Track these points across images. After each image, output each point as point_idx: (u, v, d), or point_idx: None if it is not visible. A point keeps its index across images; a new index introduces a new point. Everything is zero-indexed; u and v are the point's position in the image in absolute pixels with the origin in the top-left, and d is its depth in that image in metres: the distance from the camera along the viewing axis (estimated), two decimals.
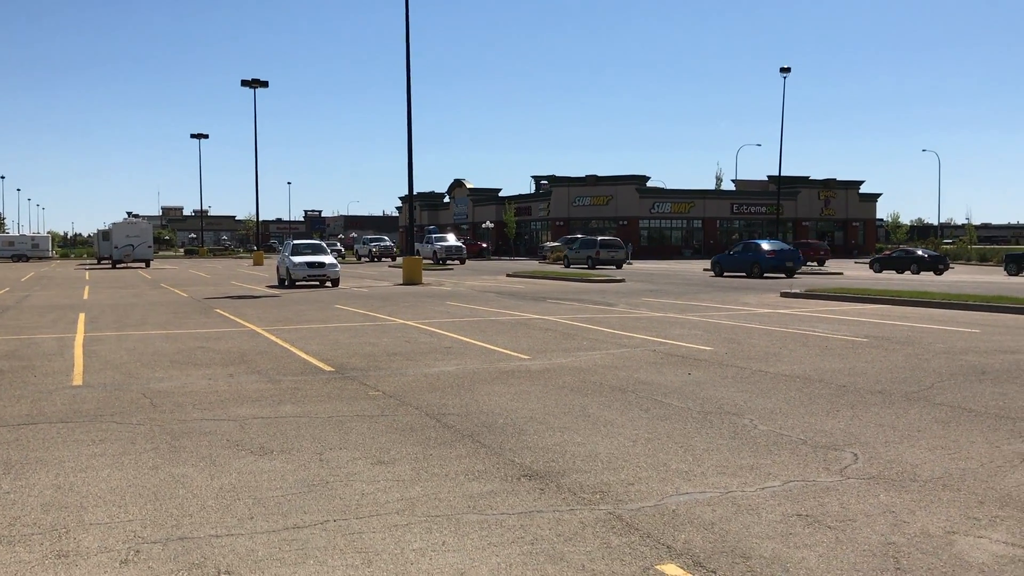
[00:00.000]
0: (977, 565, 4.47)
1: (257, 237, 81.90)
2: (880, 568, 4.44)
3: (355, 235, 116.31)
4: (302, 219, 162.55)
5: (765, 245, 38.93)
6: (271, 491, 5.80)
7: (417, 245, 62.55)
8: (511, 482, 6.00)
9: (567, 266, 50.62)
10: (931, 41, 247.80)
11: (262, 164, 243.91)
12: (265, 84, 60.52)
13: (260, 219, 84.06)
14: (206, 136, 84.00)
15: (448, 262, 58.52)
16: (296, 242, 34.90)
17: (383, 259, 68.61)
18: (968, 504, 5.48)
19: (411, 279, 33.64)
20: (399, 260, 59.69)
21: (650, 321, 17.69)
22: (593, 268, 46.96)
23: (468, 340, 14.43)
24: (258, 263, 61.61)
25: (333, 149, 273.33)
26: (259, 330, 16.25)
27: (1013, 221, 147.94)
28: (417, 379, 10.48)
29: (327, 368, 11.41)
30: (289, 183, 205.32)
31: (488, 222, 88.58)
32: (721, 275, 39.62)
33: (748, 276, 37.94)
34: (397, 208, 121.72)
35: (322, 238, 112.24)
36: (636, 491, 5.78)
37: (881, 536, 4.90)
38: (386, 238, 78.41)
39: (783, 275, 37.83)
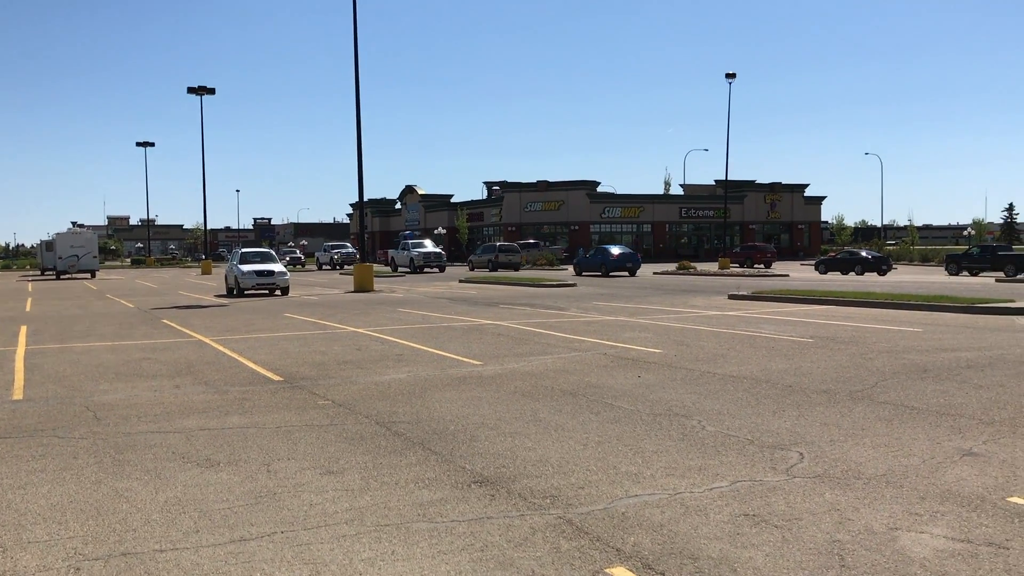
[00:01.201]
0: (919, 560, 4.55)
1: (205, 246, 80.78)
2: (825, 566, 4.50)
3: (305, 242, 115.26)
4: (251, 227, 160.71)
5: (613, 249, 48.35)
6: (217, 503, 5.71)
7: (392, 252, 59.31)
8: (461, 489, 5.98)
9: (471, 269, 56.12)
10: (873, 45, 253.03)
11: (210, 172, 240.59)
12: (212, 91, 59.71)
13: (208, 228, 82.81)
14: (152, 144, 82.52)
15: (426, 269, 55.32)
16: (244, 250, 34.46)
17: (346, 266, 66.50)
18: (910, 500, 5.58)
19: (362, 286, 33.41)
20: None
21: (601, 325, 17.78)
22: (495, 270, 53.06)
23: (420, 347, 14.37)
24: (206, 272, 60.75)
25: (282, 156, 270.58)
26: (207, 340, 16.01)
27: (954, 222, 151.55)
28: (367, 387, 10.40)
29: (276, 378, 11.28)
30: (238, 191, 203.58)
31: (440, 228, 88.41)
32: (580, 274, 47.72)
33: (600, 275, 45.64)
34: (348, 215, 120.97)
35: (271, 246, 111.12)
36: (586, 495, 5.79)
37: (826, 534, 4.97)
38: (348, 245, 76.56)
39: (626, 273, 46.25)
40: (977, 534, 4.93)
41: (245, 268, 31.33)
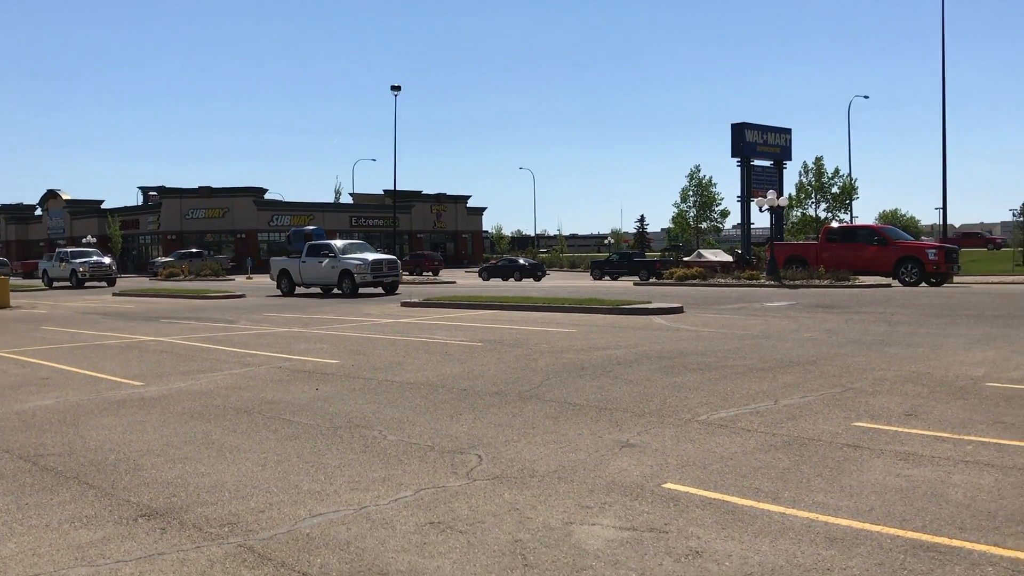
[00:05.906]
0: (593, 551, 4.84)
1: None
2: (509, 567, 4.64)
3: None
4: None
5: (161, 259, 65.01)
6: None
7: (281, 262, 35.60)
8: (127, 525, 5.45)
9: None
10: (526, 67, 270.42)
11: None
12: None
13: None
14: None
15: (366, 287, 33.10)
16: None
17: (98, 282, 47.74)
18: (581, 494, 5.94)
19: None
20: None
21: (274, 337, 17.24)
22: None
23: (69, 368, 13.00)
24: None
25: None
26: None
27: (596, 231, 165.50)
28: (7, 417, 9.20)
29: None
30: None
31: (89, 236, 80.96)
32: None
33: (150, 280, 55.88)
34: None
35: None
36: (267, 518, 5.52)
37: (509, 535, 5.13)
38: (98, 252, 52.66)
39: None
40: (640, 521, 5.35)
41: None
